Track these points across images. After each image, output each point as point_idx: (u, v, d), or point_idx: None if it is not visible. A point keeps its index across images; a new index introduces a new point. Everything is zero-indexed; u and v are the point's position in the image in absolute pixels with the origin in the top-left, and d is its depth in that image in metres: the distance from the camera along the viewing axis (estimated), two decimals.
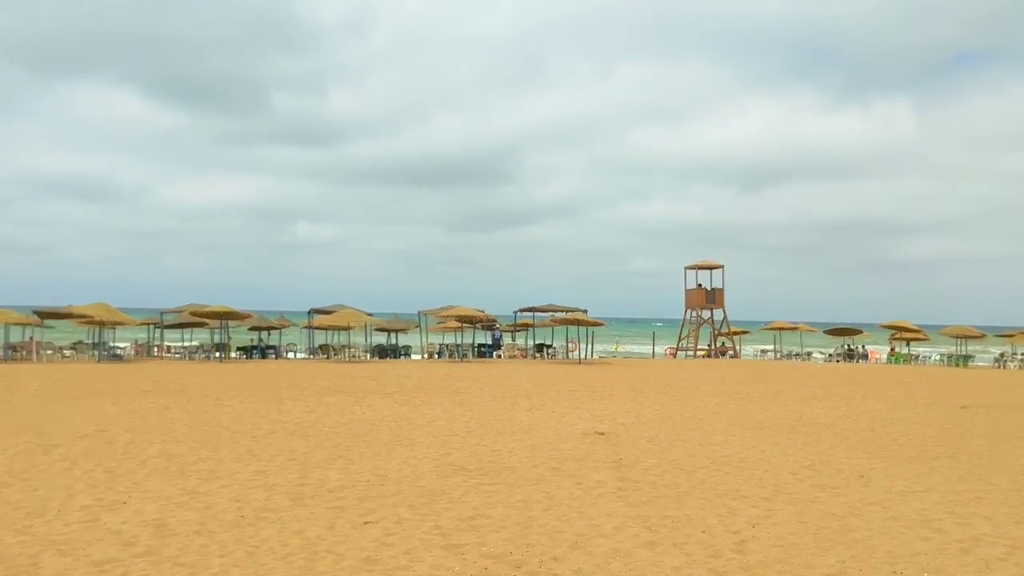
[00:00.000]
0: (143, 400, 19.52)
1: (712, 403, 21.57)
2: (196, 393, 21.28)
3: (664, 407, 20.33)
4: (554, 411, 19.07)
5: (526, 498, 9.63)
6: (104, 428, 15.03)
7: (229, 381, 24.78)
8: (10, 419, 16.04)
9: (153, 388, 22.27)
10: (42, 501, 9.03)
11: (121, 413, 17.22)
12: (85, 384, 23.02)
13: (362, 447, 13.43)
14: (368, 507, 9.01)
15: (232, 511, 8.73)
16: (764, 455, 13.42)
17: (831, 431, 16.66)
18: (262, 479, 10.56)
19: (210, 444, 13.49)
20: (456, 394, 22.50)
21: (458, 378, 27.54)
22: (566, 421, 17.37)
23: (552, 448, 13.64)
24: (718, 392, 24.81)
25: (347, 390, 22.95)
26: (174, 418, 16.60)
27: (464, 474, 11.13)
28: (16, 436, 13.92)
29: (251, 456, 12.38)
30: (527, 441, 14.39)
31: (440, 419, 17.24)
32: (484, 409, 19.14)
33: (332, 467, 11.55)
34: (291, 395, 21.35)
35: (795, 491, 10.47)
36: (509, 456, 12.76)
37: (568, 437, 14.98)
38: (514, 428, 16.05)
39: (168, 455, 12.32)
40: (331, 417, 17.25)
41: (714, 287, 48.45)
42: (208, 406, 18.72)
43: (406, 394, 22.26)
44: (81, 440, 13.68)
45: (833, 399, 23.51)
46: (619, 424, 16.96)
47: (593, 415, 18.42)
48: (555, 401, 21.16)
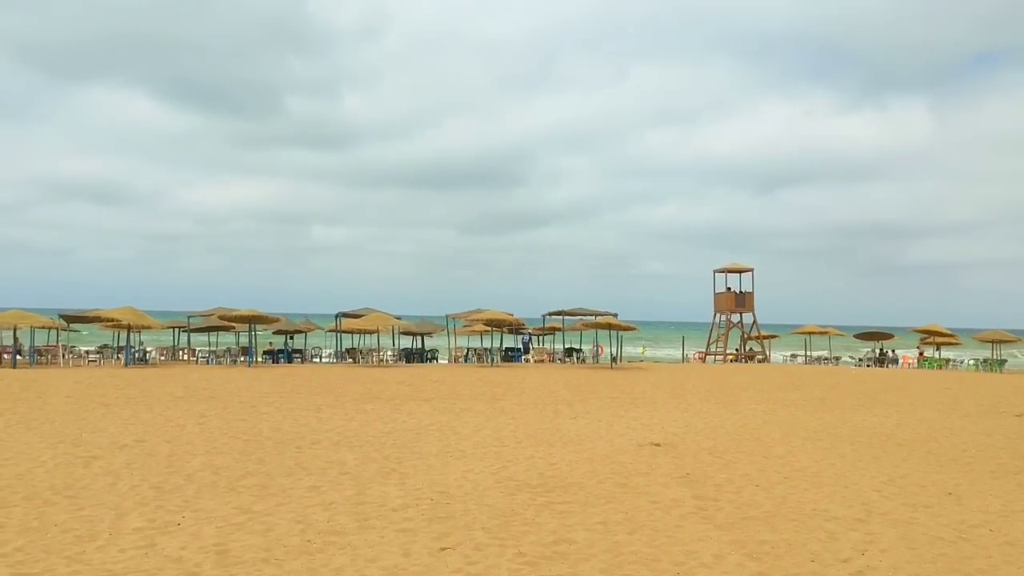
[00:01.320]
0: (177, 407, 18.98)
1: (759, 411, 20.87)
2: (230, 400, 20.74)
3: (712, 415, 19.65)
4: (600, 420, 18.43)
5: (605, 519, 8.98)
6: (142, 438, 14.48)
7: (261, 387, 24.24)
8: (44, 428, 15.52)
9: (185, 394, 21.74)
10: (91, 522, 8.45)
11: (157, 421, 16.67)
12: (116, 390, 22.51)
13: (413, 459, 12.82)
14: (440, 530, 8.38)
15: (296, 534, 8.12)
16: (836, 469, 12.73)
17: (893, 442, 15.95)
18: (318, 496, 9.96)
19: (255, 455, 12.91)
20: (494, 401, 21.88)
21: (492, 383, 26.92)
22: (615, 431, 16.72)
23: (611, 461, 13.00)
24: (761, 399, 24.09)
25: (383, 396, 22.36)
26: (212, 427, 16.04)
27: (529, 491, 10.50)
28: (53, 447, 13.38)
29: (300, 469, 11.79)
30: (582, 453, 13.76)
31: (485, 428, 16.63)
32: (527, 417, 18.52)
33: (388, 482, 10.94)
34: (327, 402, 20.78)
35: (887, 511, 9.79)
36: (569, 470, 12.12)
37: (623, 448, 14.34)
38: (564, 438, 15.42)
39: (214, 468, 11.74)
40: (373, 426, 16.66)
41: (743, 290, 47.62)
42: (245, 413, 18.16)
43: (443, 400, 21.65)
44: (120, 451, 13.13)
45: (881, 406, 22.76)
46: (671, 434, 16.30)
47: (641, 424, 17.77)
48: (598, 409, 20.51)
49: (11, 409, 18.07)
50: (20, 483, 10.42)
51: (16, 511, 8.88)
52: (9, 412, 17.60)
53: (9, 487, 10.15)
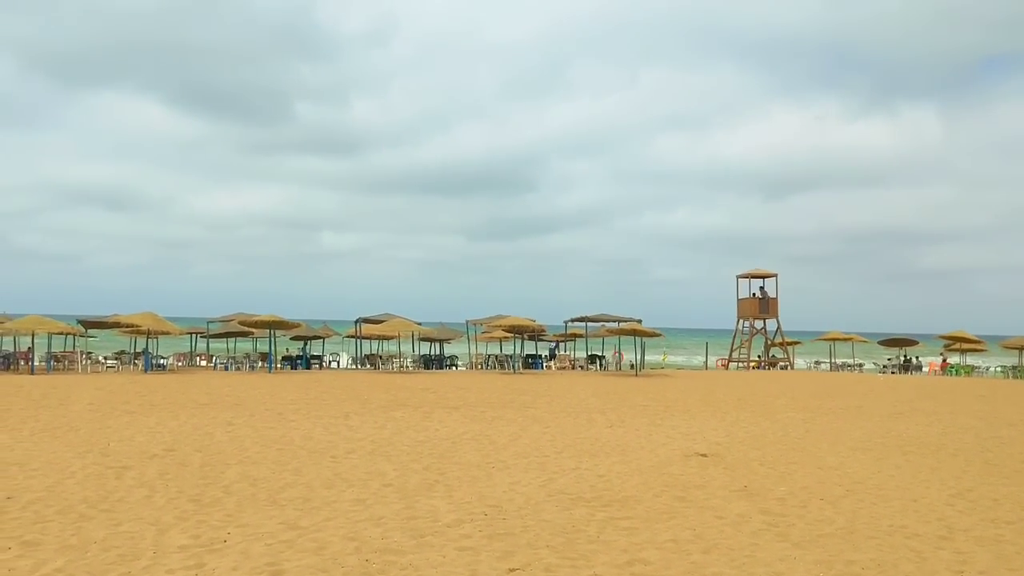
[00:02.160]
0: (203, 415, 18.53)
1: (797, 419, 20.30)
2: (256, 407, 20.29)
3: (751, 424, 19.09)
4: (637, 428, 17.90)
5: (674, 537, 8.45)
6: (172, 447, 14.02)
7: (285, 393, 23.79)
8: (70, 436, 15.08)
9: (210, 401, 21.30)
10: (132, 539, 7.96)
11: (184, 429, 16.22)
12: (138, 396, 22.09)
13: (455, 470, 12.32)
14: (502, 548, 7.87)
15: (350, 552, 7.62)
16: (896, 481, 12.18)
17: (945, 452, 15.39)
18: (365, 510, 9.46)
19: (290, 465, 12.43)
20: (524, 409, 21.36)
21: (519, 391, 26.41)
22: (655, 440, 16.20)
23: (660, 472, 12.47)
24: (796, 407, 23.51)
25: (410, 404, 21.88)
26: (242, 435, 15.58)
27: (585, 505, 9.98)
28: (81, 456, 12.93)
29: (341, 481, 11.30)
30: (628, 464, 13.24)
31: (521, 437, 16.12)
32: (562, 426, 18.00)
33: (434, 495, 10.43)
34: (354, 409, 20.31)
35: (968, 527, 9.24)
36: (620, 482, 11.59)
37: (669, 459, 13.81)
38: (605, 448, 14.90)
39: (251, 479, 11.25)
40: (405, 434, 16.18)
41: (767, 296, 46.97)
42: (272, 421, 17.70)
43: (472, 408, 21.15)
44: (151, 461, 12.67)
45: (919, 415, 22.17)
46: (714, 444, 15.77)
47: (680, 433, 17.23)
48: (633, 417, 19.97)
49: (34, 417, 17.65)
50: (52, 496, 9.96)
51: (52, 526, 8.41)
52: (32, 420, 17.18)
53: (41, 500, 9.69)
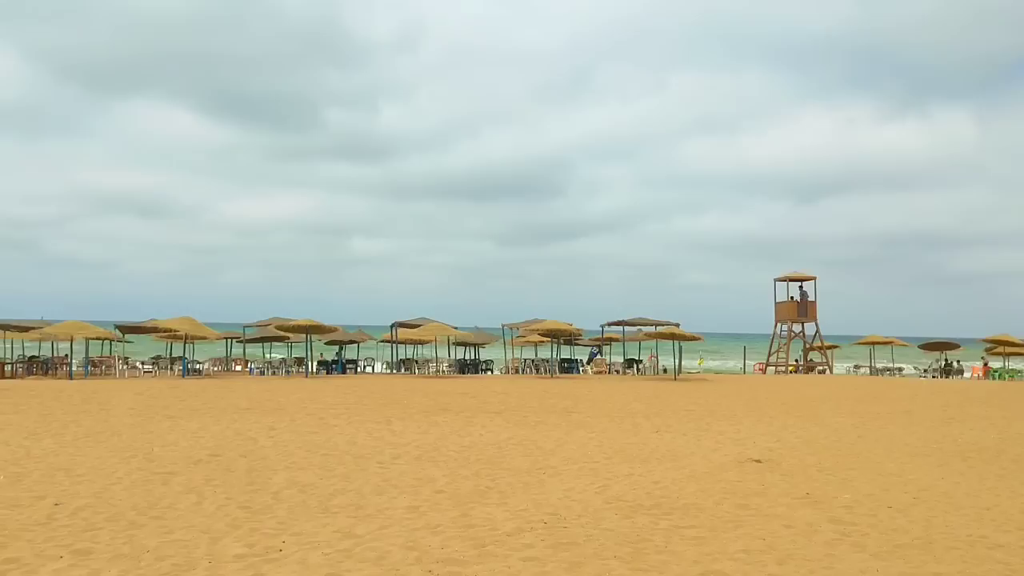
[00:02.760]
0: (244, 419, 18.37)
1: (847, 425, 19.81)
2: (296, 411, 20.11)
3: (800, 429, 18.64)
4: (684, 433, 17.51)
5: (746, 547, 8.08)
6: (216, 452, 13.83)
7: (324, 398, 23.61)
8: (113, 441, 14.94)
9: (250, 406, 21.16)
10: (186, 548, 7.72)
11: (226, 434, 16.05)
12: (178, 401, 21.99)
13: (506, 476, 12.01)
14: (568, 559, 7.54)
15: (411, 562, 7.33)
16: (963, 488, 11.72)
17: (1007, 458, 14.90)
18: (420, 518, 9.17)
19: (338, 471, 12.18)
20: (567, 414, 21.02)
21: (559, 395, 26.07)
22: (705, 445, 15.82)
23: (716, 479, 12.09)
24: (843, 412, 23.00)
25: (451, 408, 21.61)
26: (285, 440, 15.37)
27: (645, 513, 9.63)
28: (126, 461, 12.77)
29: (391, 487, 11.02)
30: (682, 470, 12.86)
31: (567, 443, 15.80)
32: (607, 431, 17.65)
33: (489, 502, 10.13)
34: (395, 414, 20.07)
35: None
36: (677, 489, 11.23)
37: (723, 465, 13.42)
38: (656, 454, 14.54)
39: (300, 485, 11.01)
40: (450, 439, 15.90)
41: (806, 299, 46.28)
42: (314, 425, 17.49)
43: (514, 413, 20.84)
44: (196, 466, 12.47)
45: (972, 420, 21.59)
46: (767, 449, 15.35)
47: (729, 439, 16.82)
48: (678, 422, 19.58)
49: (76, 421, 17.57)
50: (100, 502, 9.76)
51: (103, 535, 8.19)
52: (75, 424, 17.09)
53: (90, 507, 9.49)
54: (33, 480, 11.16)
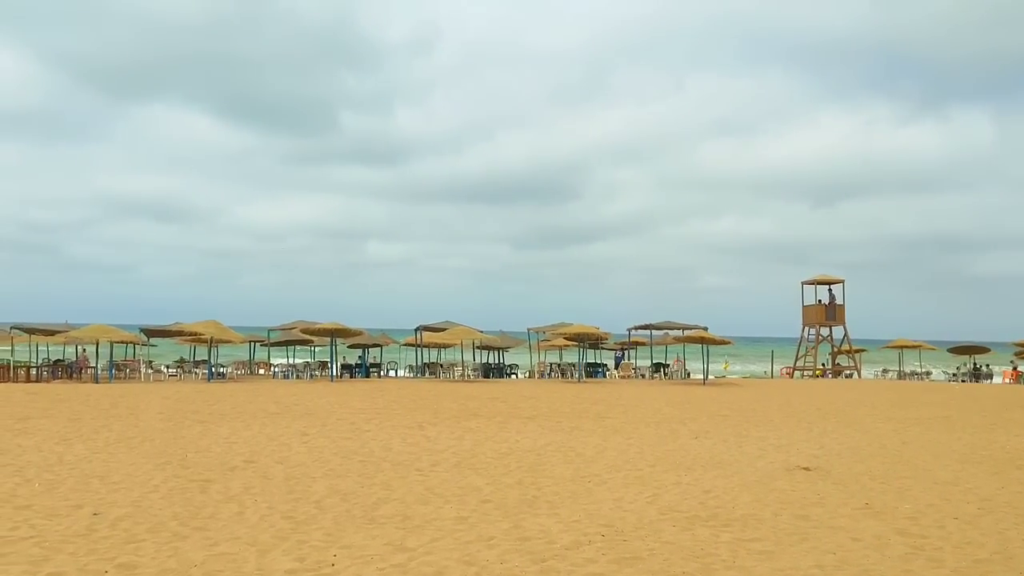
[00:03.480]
0: (275, 424, 18.09)
1: (888, 430, 19.34)
2: (326, 416, 19.81)
3: (841, 435, 18.20)
4: (724, 440, 17.11)
5: (818, 562, 7.69)
6: (251, 458, 13.54)
7: (352, 402, 23.32)
8: (146, 447, 14.68)
9: (279, 411, 20.88)
10: (234, 562, 7.41)
11: (259, 439, 15.77)
12: (206, 406, 21.75)
13: (550, 484, 11.66)
14: (634, 575, 7.17)
15: None
16: None
17: None
18: (471, 529, 8.83)
19: (377, 479, 11.87)
20: (601, 419, 20.64)
21: (590, 400, 25.67)
22: (747, 452, 15.42)
23: (768, 488, 11.69)
24: (880, 417, 22.50)
25: (481, 413, 21.26)
26: (320, 446, 15.08)
27: (703, 524, 9.25)
28: (161, 468, 12.49)
29: (435, 496, 10.69)
30: (730, 479, 12.48)
31: (607, 449, 15.43)
32: (645, 437, 17.28)
33: (539, 512, 9.78)
34: (426, 419, 19.74)
35: None
36: (730, 499, 10.84)
37: (772, 473, 13.02)
38: (700, 461, 14.16)
39: (341, 494, 10.70)
40: (486, 445, 15.57)
41: (834, 302, 45.68)
42: (347, 431, 17.20)
43: (547, 418, 20.48)
44: (232, 473, 12.18)
45: (1015, 425, 21.10)
46: (812, 457, 14.94)
47: (771, 445, 16.42)
48: (715, 428, 19.17)
49: (107, 427, 17.34)
50: (140, 512, 9.47)
51: (147, 547, 7.89)
52: (105, 430, 16.86)
53: (130, 516, 9.19)
54: (68, 488, 10.90)
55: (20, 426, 17.14)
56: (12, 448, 14.25)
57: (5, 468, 12.31)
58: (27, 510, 9.49)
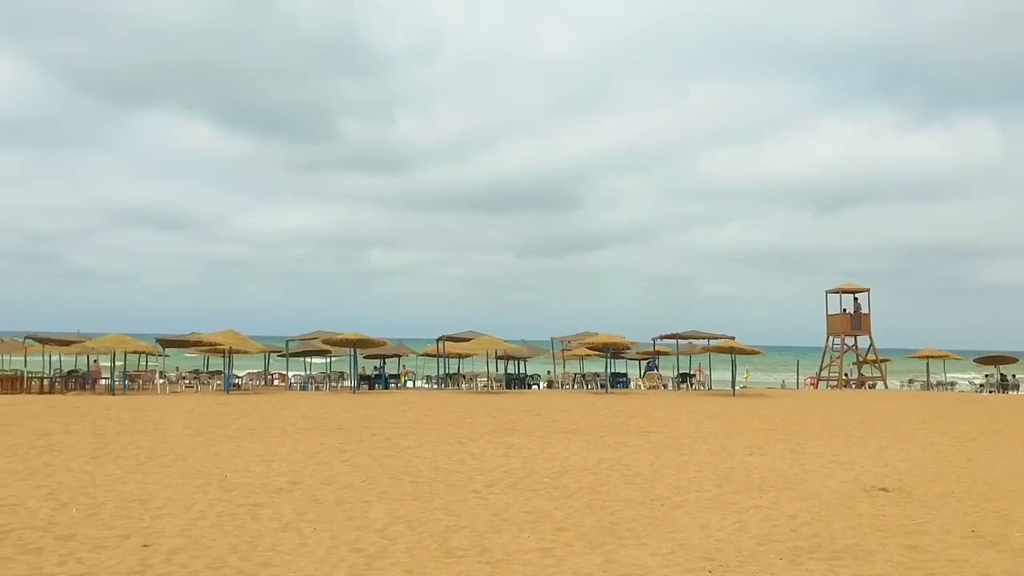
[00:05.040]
0: (309, 440, 17.30)
1: (945, 445, 18.57)
2: (359, 431, 19.02)
3: (899, 451, 17.43)
4: (781, 456, 16.32)
5: None
6: (295, 479, 12.76)
7: (382, 416, 22.51)
8: (180, 465, 13.90)
9: (308, 425, 20.09)
10: None
11: (296, 456, 14.99)
12: (231, 420, 20.96)
13: (622, 508, 10.88)
14: None
15: None
16: None
17: None
18: (560, 563, 8.06)
19: (436, 502, 11.09)
20: (644, 433, 19.83)
21: (625, 413, 24.84)
22: (810, 470, 14.66)
23: (855, 512, 10.92)
24: (930, 431, 21.68)
25: (519, 427, 20.46)
26: (362, 464, 14.30)
27: (809, 557, 8.47)
28: (202, 490, 11.71)
29: (504, 522, 9.92)
30: (808, 500, 11.70)
31: (664, 467, 14.65)
32: (697, 454, 16.50)
33: (625, 541, 9.00)
34: (464, 434, 18.94)
35: None
36: (821, 525, 10.07)
37: (850, 494, 12.25)
38: (766, 481, 13.39)
39: (405, 521, 9.92)
40: (535, 463, 14.80)
41: (859, 311, 44.85)
42: (386, 447, 16.42)
43: (588, 433, 19.68)
44: (279, 496, 11.41)
45: None
46: (880, 475, 14.22)
47: (832, 462, 15.67)
48: (766, 443, 18.38)
49: (134, 443, 16.56)
50: (193, 543, 8.67)
51: None
52: (133, 446, 16.08)
53: (184, 549, 8.40)
54: (109, 513, 10.12)
55: (44, 442, 16.37)
56: (40, 467, 13.47)
57: (38, 490, 11.54)
58: (71, 541, 8.71)
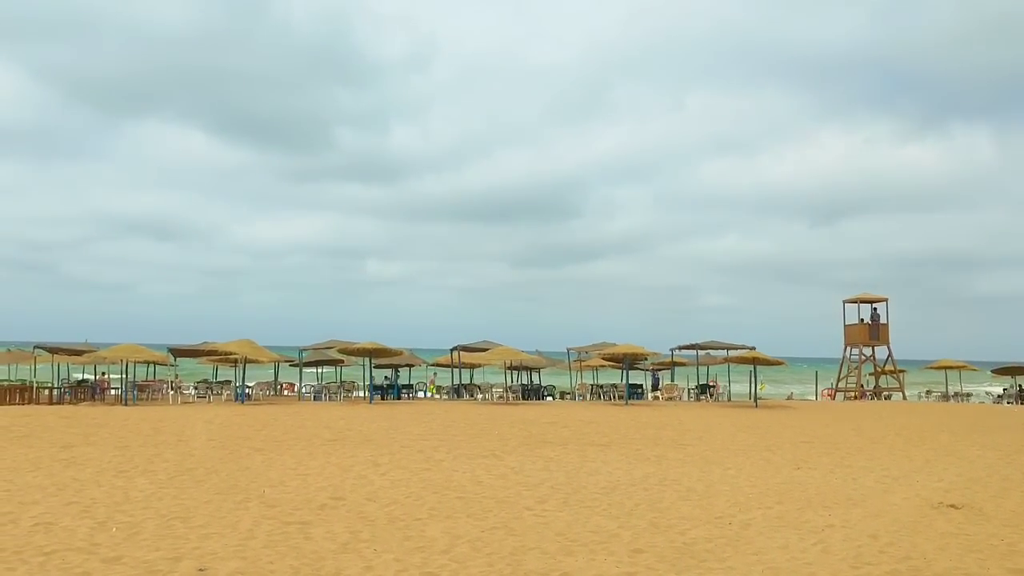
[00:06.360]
0: (339, 453, 16.72)
1: (994, 459, 18.01)
2: (389, 443, 18.42)
3: (949, 465, 16.89)
4: (830, 471, 15.78)
5: None
6: (337, 495, 12.19)
7: (405, 427, 21.89)
8: (213, 480, 13.31)
9: (335, 437, 19.49)
10: None
11: (331, 471, 14.41)
12: (254, 431, 20.34)
13: (690, 527, 10.33)
14: None
15: None
16: None
17: None
18: None
19: (491, 520, 10.53)
20: (680, 446, 19.26)
21: (654, 425, 24.25)
22: (866, 485, 14.13)
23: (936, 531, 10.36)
24: (973, 444, 21.10)
25: (550, 440, 19.87)
26: (401, 479, 13.73)
27: None
28: (243, 507, 11.13)
29: (573, 544, 9.37)
30: (879, 519, 11.16)
31: (715, 483, 14.10)
32: (743, 468, 15.95)
33: (710, 567, 8.45)
34: (495, 446, 18.37)
35: None
36: (908, 546, 9.51)
37: (919, 511, 11.71)
38: (828, 498, 12.85)
39: (467, 541, 9.33)
40: (580, 478, 14.24)
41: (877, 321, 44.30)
42: (421, 460, 15.84)
43: (622, 446, 19.10)
44: (325, 513, 10.84)
45: None
46: (941, 491, 13.67)
47: (888, 477, 15.15)
48: (809, 457, 17.83)
49: (159, 455, 15.97)
50: (251, 566, 8.10)
51: None
52: (159, 459, 15.49)
53: (243, 573, 7.80)
54: (151, 533, 9.54)
55: (66, 455, 15.76)
56: (69, 482, 12.87)
57: (70, 507, 10.96)
58: (119, 563, 8.13)
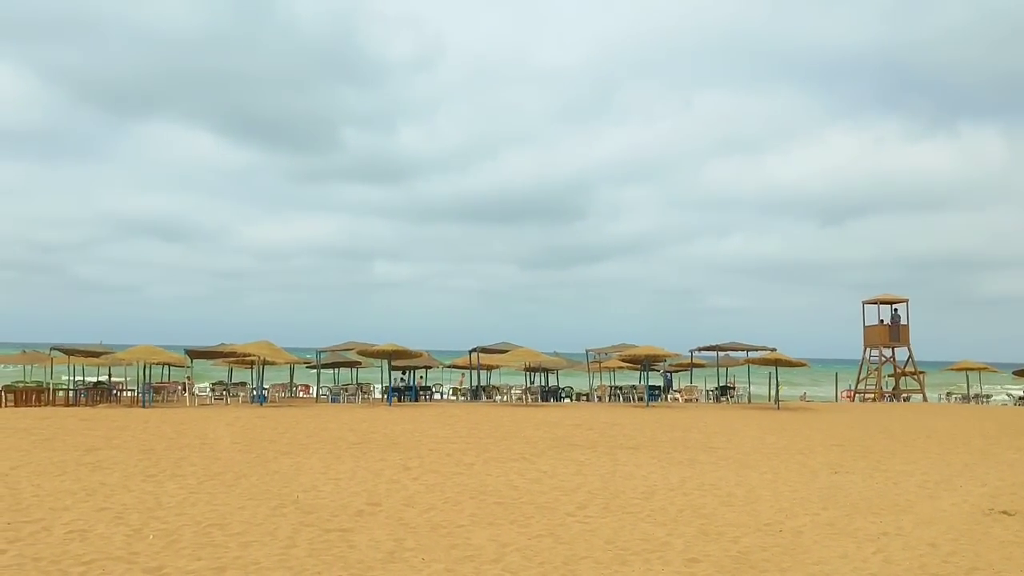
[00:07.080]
0: (366, 456, 16.44)
1: None
2: (416, 446, 18.12)
3: (988, 469, 16.58)
4: (870, 475, 15.47)
5: None
6: (372, 500, 11.90)
7: (429, 430, 21.59)
8: (244, 485, 13.03)
9: (359, 440, 19.21)
10: None
11: (362, 475, 14.13)
12: (277, 435, 20.06)
13: (742, 535, 10.01)
14: None
15: None
16: None
17: None
18: None
19: (536, 527, 10.25)
20: (710, 450, 18.92)
21: (679, 427, 23.90)
22: (911, 490, 13.87)
23: (995, 539, 10.07)
24: (1007, 447, 20.77)
25: (578, 443, 19.55)
26: (435, 483, 13.44)
27: None
28: (279, 513, 10.85)
29: (623, 551, 9.06)
30: (933, 527, 10.86)
31: (755, 488, 13.78)
32: (780, 472, 15.64)
33: None
34: (523, 449, 18.07)
35: None
36: (973, 555, 9.20)
37: (975, 519, 11.41)
38: (874, 504, 12.55)
39: (516, 549, 9.02)
40: (617, 482, 13.96)
41: (898, 322, 43.86)
42: (451, 464, 15.56)
43: (651, 449, 18.77)
44: (363, 520, 10.56)
45: None
46: (988, 497, 13.40)
47: (931, 481, 14.84)
48: (844, 461, 17.50)
49: (186, 459, 15.70)
50: None
51: None
52: (186, 462, 15.23)
53: None
54: (190, 541, 9.25)
55: (92, 459, 15.51)
56: (97, 487, 12.60)
57: (102, 513, 10.68)
58: (161, 574, 7.83)
